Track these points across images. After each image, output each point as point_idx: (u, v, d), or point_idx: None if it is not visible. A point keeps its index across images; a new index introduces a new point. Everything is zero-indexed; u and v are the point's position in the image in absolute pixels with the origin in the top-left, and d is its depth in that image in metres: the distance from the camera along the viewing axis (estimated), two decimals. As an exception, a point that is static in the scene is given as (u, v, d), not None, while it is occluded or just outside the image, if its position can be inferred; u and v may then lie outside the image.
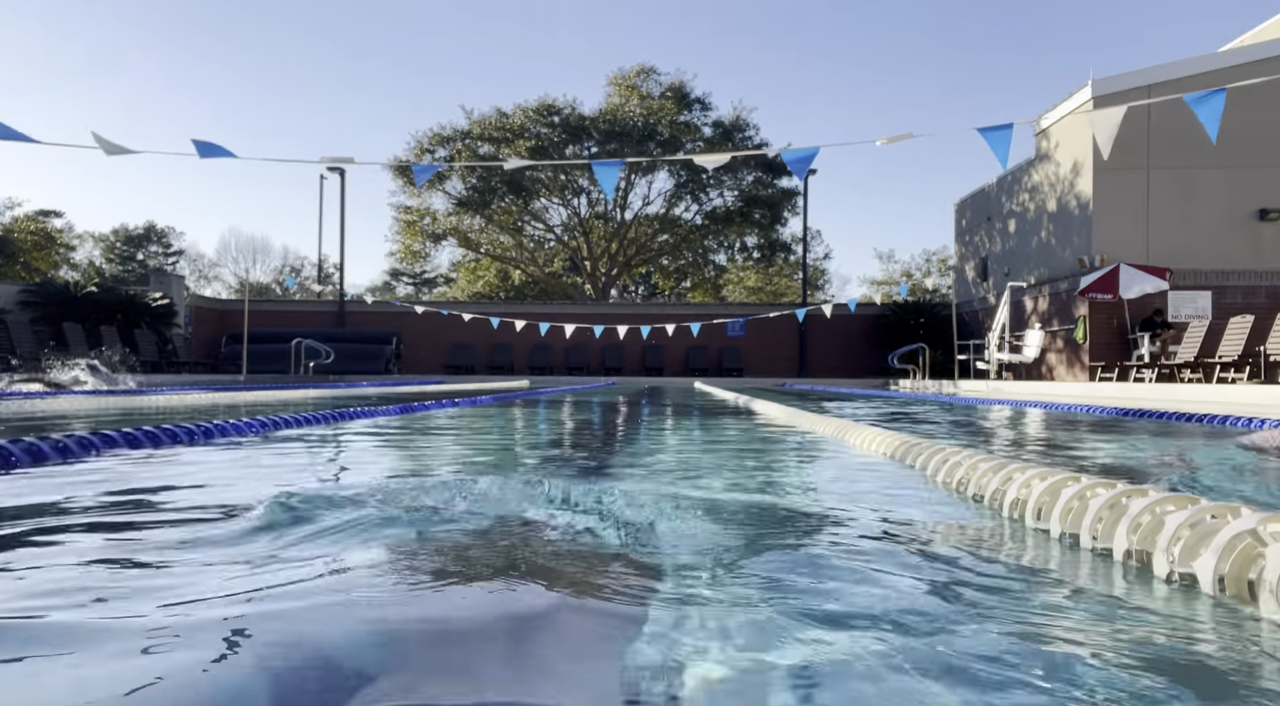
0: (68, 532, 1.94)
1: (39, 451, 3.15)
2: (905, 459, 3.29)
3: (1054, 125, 20.46)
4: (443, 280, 52.83)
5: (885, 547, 1.86)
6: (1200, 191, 18.28)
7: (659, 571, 1.56)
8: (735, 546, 1.81)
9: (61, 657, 1.10)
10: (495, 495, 2.24)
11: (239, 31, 77.41)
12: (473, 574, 1.55)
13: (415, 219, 36.26)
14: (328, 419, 5.96)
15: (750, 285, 48.97)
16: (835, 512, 2.36)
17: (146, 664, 1.07)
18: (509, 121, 34.54)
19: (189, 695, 0.98)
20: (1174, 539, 1.57)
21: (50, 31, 71.99)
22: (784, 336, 28.23)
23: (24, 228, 42.69)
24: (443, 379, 23.73)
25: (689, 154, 32.77)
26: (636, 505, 2.21)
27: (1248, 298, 17.73)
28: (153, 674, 1.04)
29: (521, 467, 3.51)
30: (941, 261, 50.90)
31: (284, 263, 58.25)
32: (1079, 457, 4.15)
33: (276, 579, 1.48)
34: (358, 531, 1.85)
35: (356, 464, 3.68)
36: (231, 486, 2.73)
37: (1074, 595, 1.49)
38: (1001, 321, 19.82)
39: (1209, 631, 1.28)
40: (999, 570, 1.68)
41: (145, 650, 1.11)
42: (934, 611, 1.34)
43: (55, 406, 7.77)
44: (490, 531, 1.87)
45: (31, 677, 1.04)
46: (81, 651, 1.12)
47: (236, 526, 1.94)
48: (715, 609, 1.31)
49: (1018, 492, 2.17)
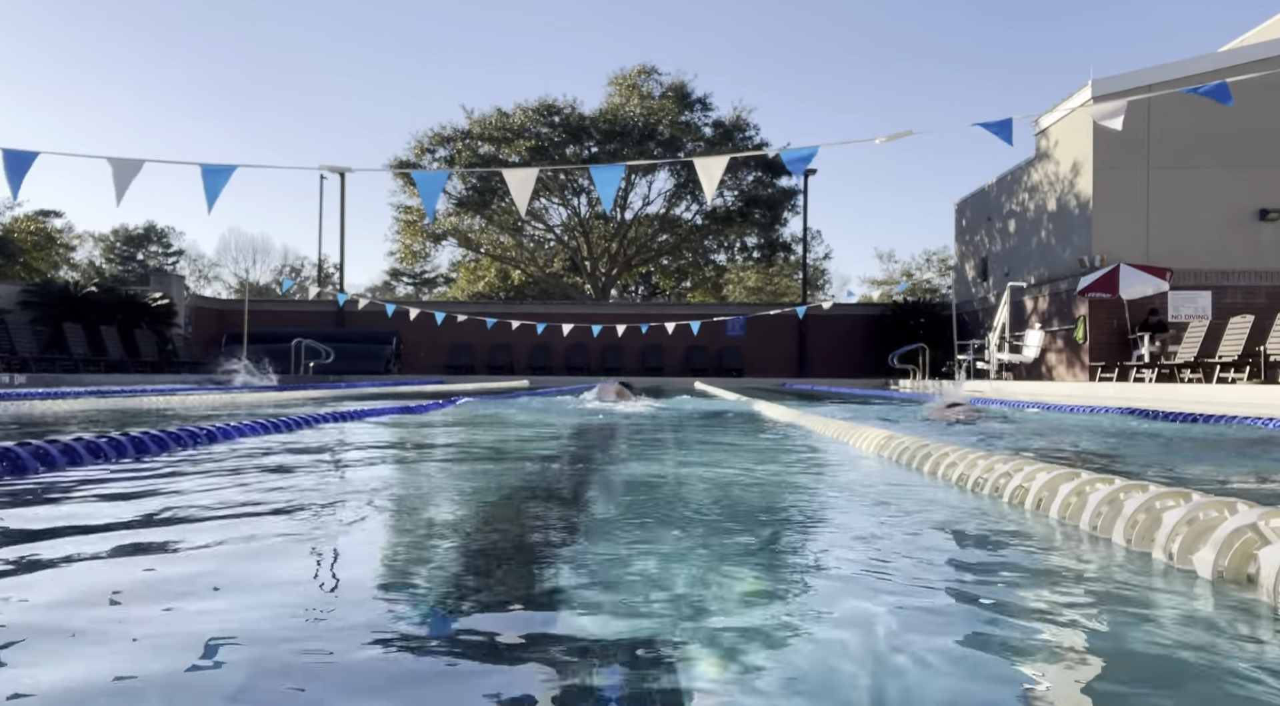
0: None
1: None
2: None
3: (1054, 125, 20.46)
4: (443, 280, 52.81)
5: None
6: (1200, 191, 18.26)
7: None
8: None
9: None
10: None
11: (239, 31, 77.43)
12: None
13: (415, 219, 36.23)
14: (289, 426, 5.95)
15: (750, 285, 48.96)
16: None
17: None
18: (509, 121, 34.50)
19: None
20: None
21: (50, 31, 71.98)
22: (784, 336, 28.21)
23: (24, 228, 42.68)
24: (443, 379, 23.73)
25: (689, 155, 32.75)
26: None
27: (1248, 298, 17.71)
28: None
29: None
30: (941, 261, 50.87)
31: (284, 263, 58.25)
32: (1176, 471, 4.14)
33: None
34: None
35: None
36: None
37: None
38: (1001, 321, 19.81)
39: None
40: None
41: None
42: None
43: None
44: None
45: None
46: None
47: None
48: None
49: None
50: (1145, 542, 1.70)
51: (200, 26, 76.05)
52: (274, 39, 78.86)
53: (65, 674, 1.03)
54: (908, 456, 3.31)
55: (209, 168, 7.11)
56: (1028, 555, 1.79)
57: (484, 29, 78.29)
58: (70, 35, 73.08)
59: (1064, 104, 19.72)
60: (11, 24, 70.94)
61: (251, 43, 78.47)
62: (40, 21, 70.46)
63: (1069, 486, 2.06)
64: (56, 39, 73.15)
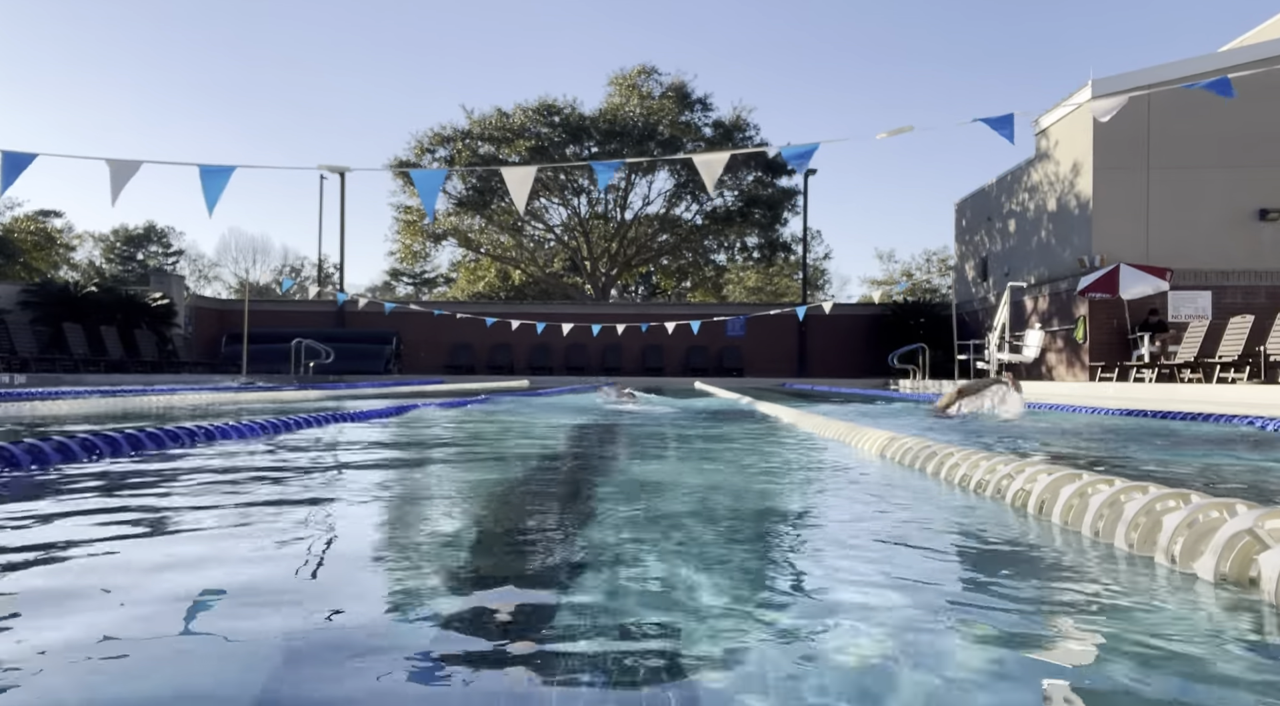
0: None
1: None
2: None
3: (1054, 125, 20.46)
4: (443, 280, 52.82)
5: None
6: (1200, 191, 18.27)
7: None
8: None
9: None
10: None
11: (239, 31, 77.44)
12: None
13: (415, 219, 36.24)
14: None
15: (750, 285, 48.98)
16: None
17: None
18: (509, 121, 34.50)
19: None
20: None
21: (49, 32, 71.99)
22: (784, 336, 28.22)
23: (24, 228, 42.69)
24: (443, 379, 23.74)
25: (689, 153, 32.71)
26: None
27: (1248, 298, 17.72)
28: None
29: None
30: (941, 261, 50.89)
31: (284, 263, 58.26)
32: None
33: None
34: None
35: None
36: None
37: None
38: (1001, 321, 19.81)
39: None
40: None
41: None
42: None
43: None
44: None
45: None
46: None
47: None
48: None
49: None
50: (1147, 546, 1.70)
51: (200, 26, 76.12)
52: (274, 39, 78.92)
53: (66, 673, 1.03)
54: (909, 457, 3.32)
55: (208, 169, 7.10)
56: (1028, 556, 1.79)
57: (484, 29, 78.38)
58: (70, 35, 73.16)
59: (1064, 104, 19.73)
60: (11, 24, 70.99)
61: (251, 43, 78.54)
62: (40, 21, 70.51)
63: (1071, 488, 2.06)
64: (56, 39, 73.22)
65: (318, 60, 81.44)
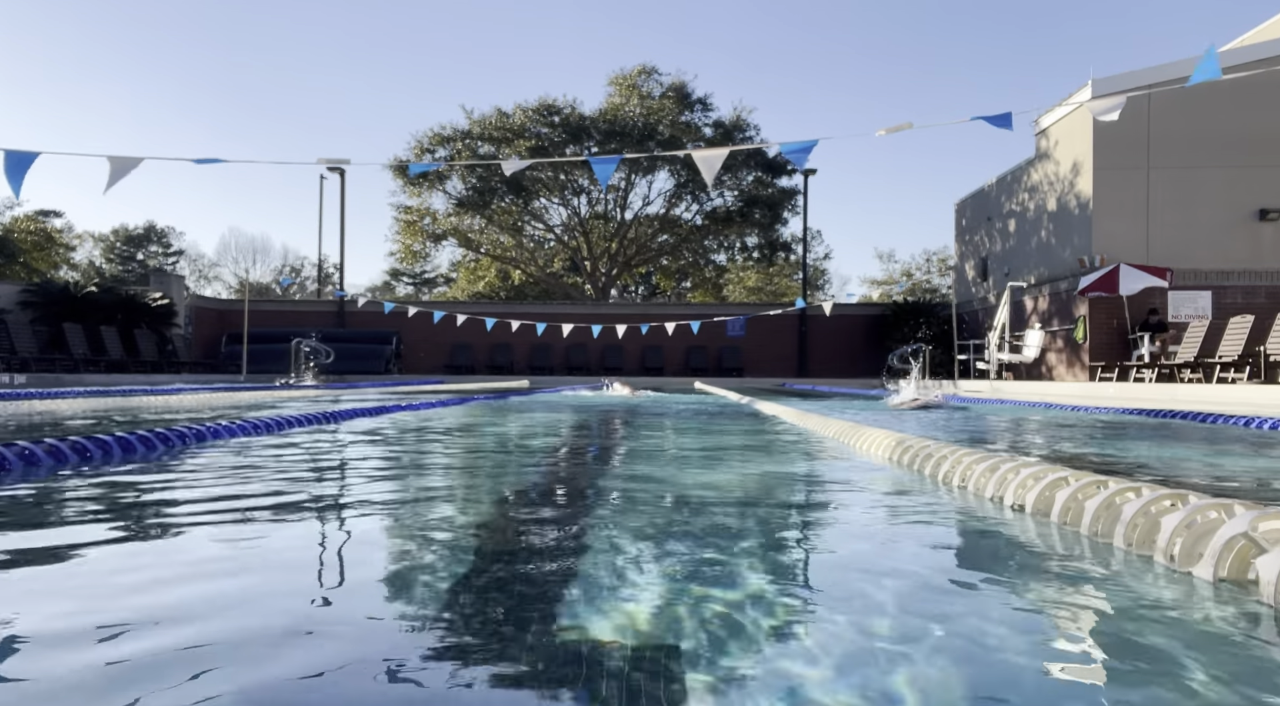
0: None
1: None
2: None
3: (1054, 125, 20.46)
4: (443, 280, 52.82)
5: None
6: (1200, 191, 18.27)
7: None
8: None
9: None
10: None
11: (239, 31, 77.42)
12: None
13: (415, 219, 36.23)
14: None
15: (750, 285, 48.96)
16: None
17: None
18: (509, 121, 34.49)
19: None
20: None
21: (49, 32, 72.00)
22: (784, 336, 28.22)
23: (24, 228, 42.68)
24: (443, 379, 23.74)
25: (688, 151, 32.70)
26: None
27: (1248, 298, 17.72)
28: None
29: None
30: (941, 261, 50.88)
31: (284, 262, 58.24)
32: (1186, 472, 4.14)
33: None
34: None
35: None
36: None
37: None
38: (1002, 321, 19.82)
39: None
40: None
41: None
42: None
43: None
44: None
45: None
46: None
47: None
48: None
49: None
50: (1146, 546, 1.71)
51: (200, 26, 76.09)
52: (274, 39, 78.88)
53: (65, 674, 1.03)
54: (909, 457, 3.32)
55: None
56: (1028, 557, 1.80)
57: (484, 29, 78.35)
58: (70, 35, 73.12)
59: (1064, 104, 19.72)
60: (11, 23, 70.99)
61: (251, 43, 78.51)
62: (40, 20, 70.52)
63: (1069, 491, 2.07)
64: (56, 38, 73.19)
65: (318, 60, 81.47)
